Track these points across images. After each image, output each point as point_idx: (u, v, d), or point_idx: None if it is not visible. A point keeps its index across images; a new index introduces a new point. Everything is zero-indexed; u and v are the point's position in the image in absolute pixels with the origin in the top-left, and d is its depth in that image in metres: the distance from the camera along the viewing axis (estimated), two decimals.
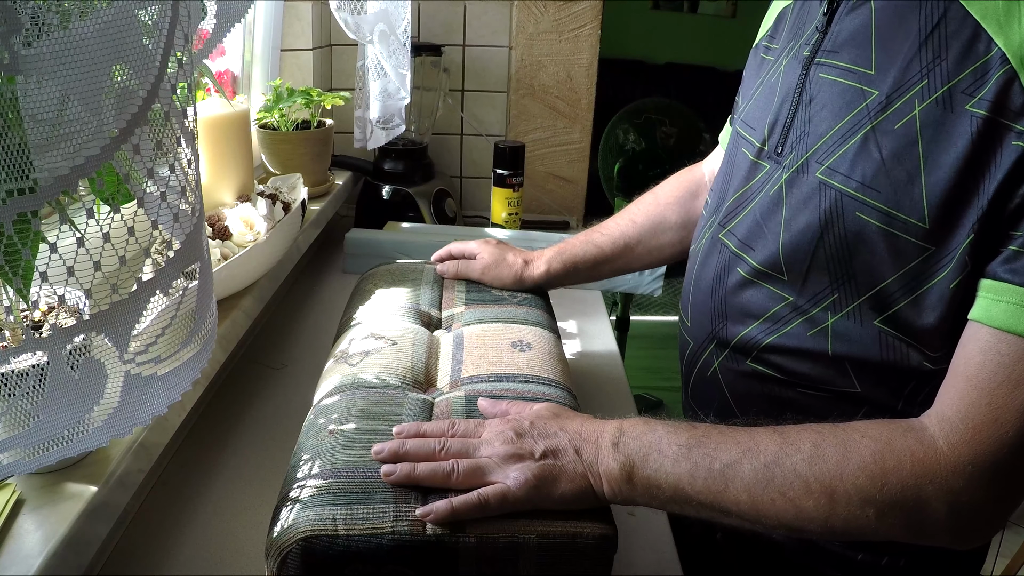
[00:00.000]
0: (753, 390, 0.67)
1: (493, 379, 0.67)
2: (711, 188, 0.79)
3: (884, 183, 0.56)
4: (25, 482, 0.54)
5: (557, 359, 0.73)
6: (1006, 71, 0.50)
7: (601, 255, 0.90)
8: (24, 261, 0.37)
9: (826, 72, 0.62)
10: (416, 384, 0.67)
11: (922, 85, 0.55)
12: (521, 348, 0.72)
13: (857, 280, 0.58)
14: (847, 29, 0.61)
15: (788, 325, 0.63)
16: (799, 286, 0.62)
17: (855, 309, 0.59)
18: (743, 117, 0.74)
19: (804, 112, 0.63)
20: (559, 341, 0.78)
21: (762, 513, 0.53)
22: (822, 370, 0.62)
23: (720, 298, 0.70)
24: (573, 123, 1.56)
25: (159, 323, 0.44)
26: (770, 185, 0.65)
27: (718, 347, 0.70)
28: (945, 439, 0.51)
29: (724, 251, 0.70)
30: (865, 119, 0.57)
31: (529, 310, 0.81)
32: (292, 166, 1.20)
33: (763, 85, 0.72)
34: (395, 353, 0.70)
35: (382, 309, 0.79)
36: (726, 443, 0.54)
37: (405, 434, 0.57)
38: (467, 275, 0.88)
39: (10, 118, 0.34)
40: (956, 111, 0.53)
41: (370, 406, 0.61)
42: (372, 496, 0.52)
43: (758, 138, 0.68)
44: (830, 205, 0.59)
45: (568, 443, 0.56)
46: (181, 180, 0.44)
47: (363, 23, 1.18)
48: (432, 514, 0.51)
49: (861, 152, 0.57)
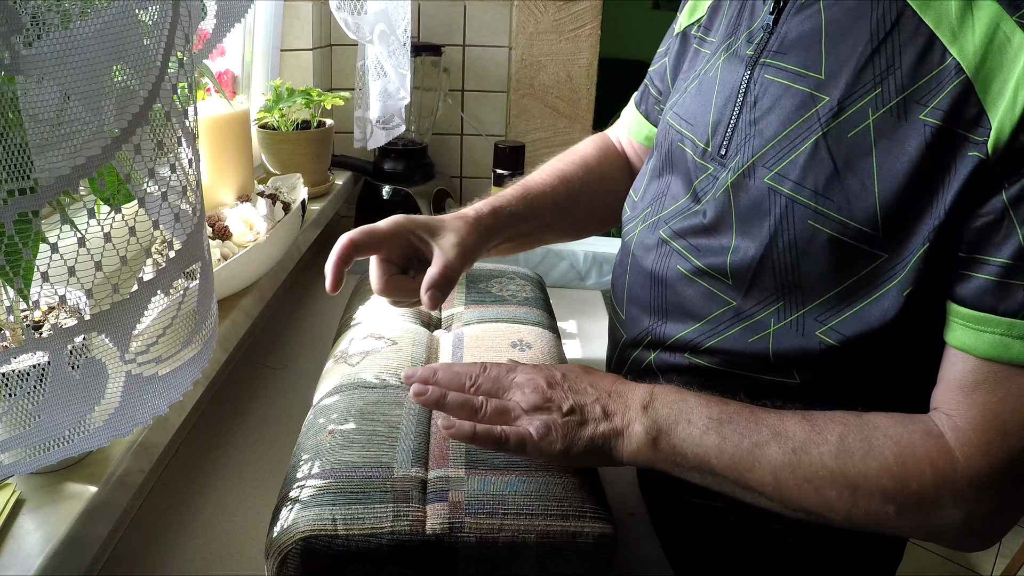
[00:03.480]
0: (689, 380, 0.65)
1: None
2: (643, 174, 0.76)
3: (837, 191, 0.55)
4: (25, 482, 0.54)
5: (557, 359, 0.73)
6: (961, 81, 0.50)
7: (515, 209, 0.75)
8: (25, 261, 0.37)
9: (772, 74, 0.60)
10: None
11: (875, 94, 0.54)
12: (521, 348, 0.72)
13: (803, 288, 0.57)
14: (795, 30, 0.59)
15: (730, 330, 0.62)
16: (743, 291, 0.60)
17: (799, 318, 0.58)
18: (676, 109, 0.71)
19: (749, 113, 0.61)
20: (559, 341, 0.78)
21: (786, 496, 0.53)
22: (761, 365, 0.61)
23: (660, 295, 0.68)
24: (573, 123, 1.56)
25: (160, 323, 0.44)
26: (715, 188, 0.63)
27: (653, 343, 0.68)
28: (960, 450, 0.51)
29: (665, 248, 0.67)
30: (816, 125, 0.56)
31: (529, 310, 0.81)
32: (292, 166, 1.20)
33: (699, 79, 0.69)
34: (395, 353, 0.70)
35: (382, 309, 0.79)
36: (756, 423, 0.55)
37: (437, 367, 0.59)
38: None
39: (10, 118, 0.34)
40: (910, 120, 0.52)
41: (369, 406, 0.61)
42: (372, 496, 0.52)
43: (700, 137, 0.66)
44: (781, 212, 0.57)
45: (595, 400, 0.58)
46: (182, 180, 0.44)
47: (363, 23, 1.18)
48: (455, 428, 0.54)
49: (813, 159, 0.56)
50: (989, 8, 0.50)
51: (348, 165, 1.47)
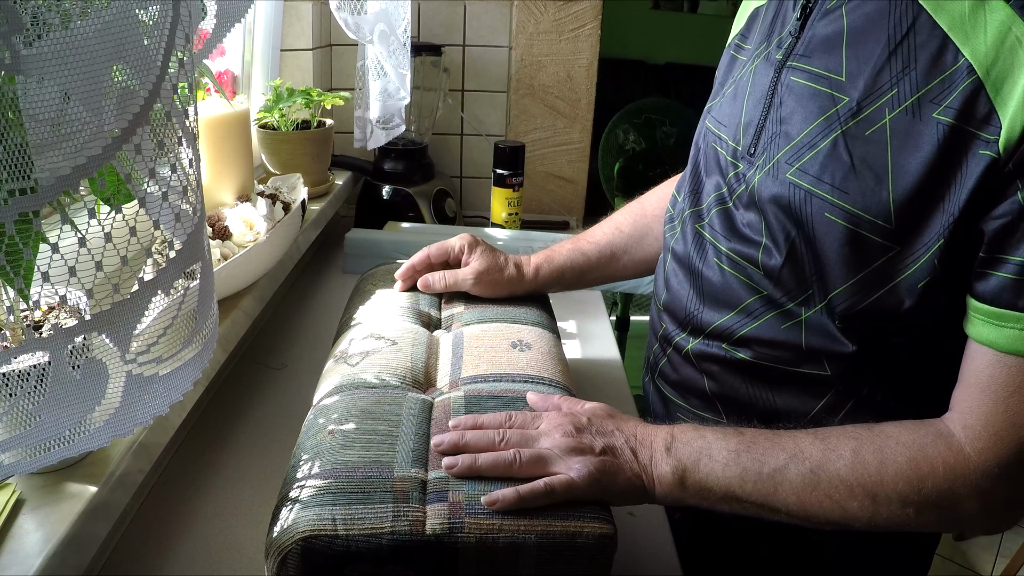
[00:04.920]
0: (726, 370, 0.70)
1: (492, 379, 0.67)
2: (685, 176, 0.81)
3: (853, 186, 0.57)
4: (25, 482, 0.54)
5: (556, 359, 0.73)
6: (972, 80, 0.52)
7: (587, 263, 0.89)
8: (25, 261, 0.37)
9: (798, 76, 0.63)
10: (416, 384, 0.67)
11: (892, 94, 0.56)
12: (521, 348, 0.72)
13: (825, 278, 0.60)
14: (819, 35, 0.62)
15: (762, 318, 0.65)
16: (773, 281, 0.64)
17: (824, 307, 0.61)
18: (714, 113, 0.76)
19: (776, 114, 0.65)
20: (559, 341, 0.78)
21: (810, 512, 0.56)
22: (794, 357, 0.64)
23: (696, 286, 0.72)
24: (573, 123, 1.56)
25: (160, 323, 0.44)
26: (743, 185, 0.67)
27: (693, 332, 0.72)
28: (971, 445, 0.54)
29: (701, 241, 0.72)
30: (836, 124, 0.59)
31: (528, 310, 0.81)
32: (292, 166, 1.20)
33: (735, 84, 0.73)
34: (395, 353, 0.70)
35: (382, 309, 0.79)
36: (772, 448, 0.57)
37: (463, 426, 0.59)
38: (459, 287, 0.82)
39: (10, 118, 0.34)
40: (924, 119, 0.54)
41: (370, 406, 0.61)
42: (372, 496, 0.52)
43: (732, 138, 0.70)
44: (800, 205, 0.60)
45: (624, 443, 0.59)
46: (182, 180, 0.44)
47: (363, 23, 1.18)
48: (499, 502, 0.52)
49: (831, 156, 0.59)
50: (1001, 11, 0.52)
51: (348, 165, 1.47)
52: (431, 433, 0.59)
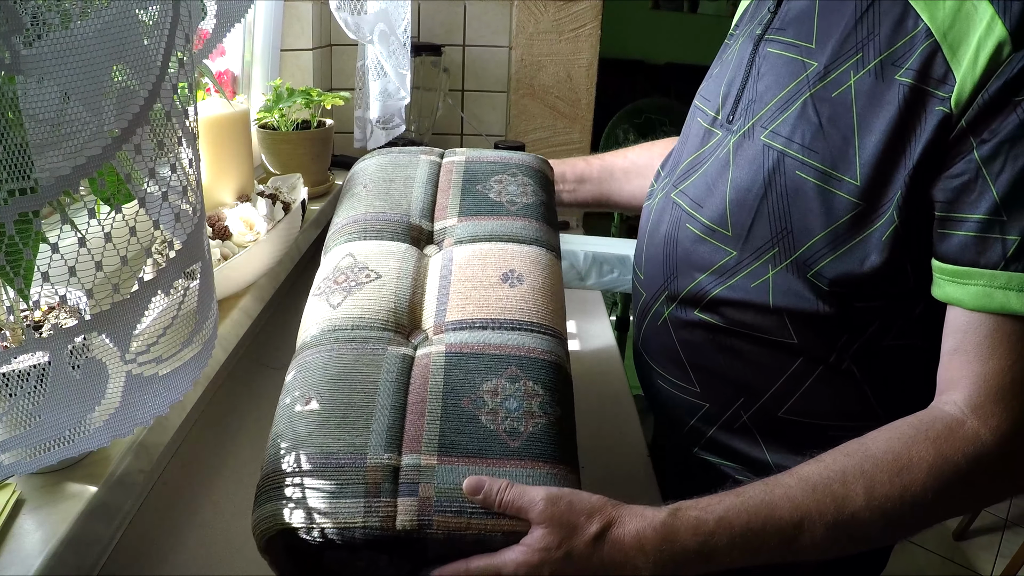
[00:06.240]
0: (698, 338, 0.72)
1: (478, 325, 0.65)
2: (670, 153, 0.85)
3: (822, 145, 0.61)
4: (25, 482, 0.54)
5: (548, 294, 0.69)
6: (930, 43, 0.56)
7: (588, 170, 0.99)
8: (25, 261, 0.37)
9: (773, 47, 0.68)
10: (399, 327, 0.65)
11: (857, 57, 0.60)
12: (512, 283, 0.69)
13: (794, 234, 0.63)
14: (794, 9, 0.67)
15: (733, 277, 0.68)
16: (743, 241, 0.66)
17: (792, 263, 0.63)
18: (701, 91, 0.80)
19: (753, 84, 0.69)
20: (556, 263, 0.75)
21: (839, 551, 0.56)
22: (762, 320, 0.66)
23: (671, 253, 0.74)
24: (573, 123, 1.56)
25: (160, 323, 0.44)
26: (720, 149, 0.70)
27: (668, 299, 0.75)
28: (986, 426, 0.54)
29: (676, 210, 0.75)
30: (805, 87, 0.63)
31: (528, 223, 0.77)
32: (292, 166, 1.20)
33: (720, 63, 0.78)
34: (377, 291, 0.68)
35: (371, 222, 0.76)
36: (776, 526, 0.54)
37: None
38: None
39: (10, 118, 0.34)
40: (887, 80, 0.58)
41: (348, 366, 0.60)
42: (344, 489, 0.53)
43: (712, 108, 0.74)
44: (773, 164, 0.64)
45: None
46: (182, 180, 0.44)
47: (363, 23, 1.18)
48: None
49: (801, 116, 0.63)
50: None
51: (348, 165, 1.47)
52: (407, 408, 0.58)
